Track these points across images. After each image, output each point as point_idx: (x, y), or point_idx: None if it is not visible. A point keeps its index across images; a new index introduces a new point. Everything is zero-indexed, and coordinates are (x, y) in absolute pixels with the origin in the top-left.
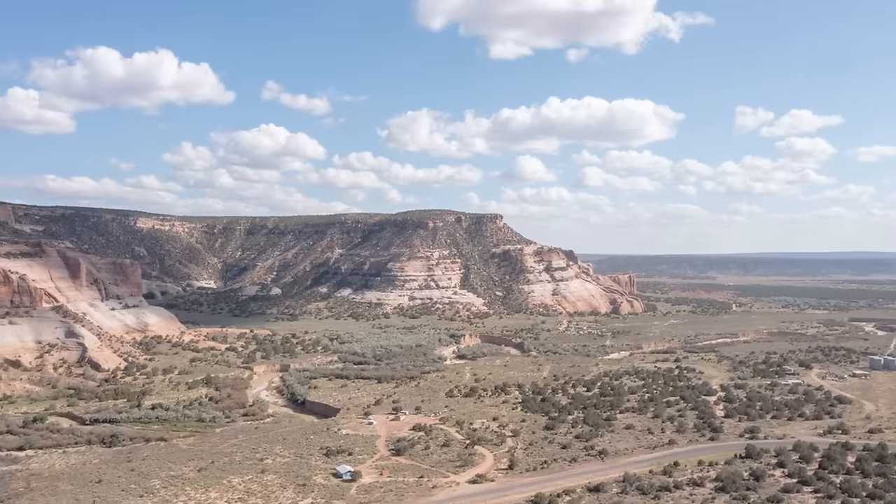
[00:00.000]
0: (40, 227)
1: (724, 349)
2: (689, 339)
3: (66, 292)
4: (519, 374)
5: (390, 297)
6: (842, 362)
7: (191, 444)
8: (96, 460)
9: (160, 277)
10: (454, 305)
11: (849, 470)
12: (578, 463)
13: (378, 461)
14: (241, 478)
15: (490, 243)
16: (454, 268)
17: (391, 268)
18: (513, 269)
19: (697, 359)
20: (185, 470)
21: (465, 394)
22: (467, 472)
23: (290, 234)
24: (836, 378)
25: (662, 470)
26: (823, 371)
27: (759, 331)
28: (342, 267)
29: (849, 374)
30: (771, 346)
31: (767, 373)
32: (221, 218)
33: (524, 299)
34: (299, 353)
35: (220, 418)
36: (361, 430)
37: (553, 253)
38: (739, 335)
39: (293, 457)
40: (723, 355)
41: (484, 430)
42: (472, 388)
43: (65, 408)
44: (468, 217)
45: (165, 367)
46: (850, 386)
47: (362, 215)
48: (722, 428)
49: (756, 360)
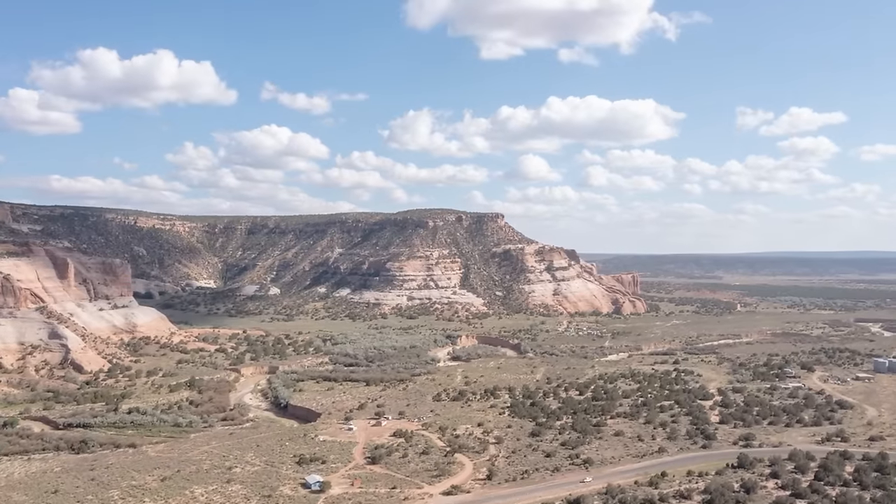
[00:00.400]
0: (38, 226)
1: (726, 351)
2: (690, 340)
3: (53, 292)
4: (512, 376)
5: (388, 297)
6: (845, 365)
7: (160, 451)
8: (58, 468)
9: (159, 277)
10: (453, 305)
11: (846, 481)
12: (561, 473)
13: (352, 470)
14: (204, 488)
15: (491, 243)
16: (454, 267)
17: (390, 267)
18: (513, 269)
19: (697, 361)
20: (148, 479)
21: (452, 398)
22: (443, 482)
23: (290, 233)
24: (839, 381)
25: (649, 481)
26: (826, 374)
27: (762, 332)
28: (341, 267)
29: (852, 377)
30: (774, 347)
31: (767, 376)
32: (223, 217)
33: (525, 299)
34: (290, 355)
35: (198, 423)
36: (340, 436)
37: (554, 252)
38: (742, 336)
39: (263, 465)
40: (724, 357)
41: (467, 436)
42: (461, 391)
43: (40, 411)
44: (469, 216)
45: (150, 369)
46: (853, 390)
47: (363, 214)
48: (715, 435)
49: (757, 362)
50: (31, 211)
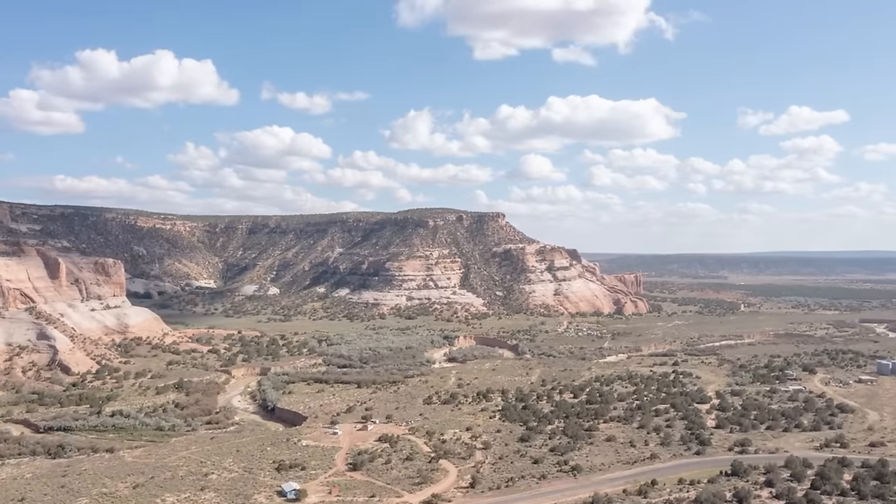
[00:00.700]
0: (38, 225)
1: (727, 352)
2: (691, 340)
3: (45, 292)
4: (506, 378)
5: (387, 298)
6: (848, 367)
7: (137, 457)
8: (29, 474)
9: (159, 277)
10: (452, 306)
11: (843, 490)
12: (548, 480)
13: (332, 477)
14: (177, 496)
15: (491, 242)
16: (454, 267)
17: (389, 267)
18: (514, 269)
19: (697, 362)
20: (119, 486)
21: (443, 400)
22: (424, 490)
23: (291, 233)
24: (841, 384)
25: (638, 489)
26: (828, 376)
27: (765, 332)
28: (340, 266)
29: (854, 379)
30: (776, 348)
31: (768, 378)
32: (223, 217)
33: (525, 299)
34: (283, 356)
35: (181, 426)
36: (324, 440)
37: (556, 252)
38: (744, 337)
39: (241, 472)
40: (724, 358)
41: (454, 441)
42: (453, 394)
43: (22, 414)
44: (470, 216)
45: (139, 371)
46: (855, 393)
47: (364, 214)
48: (710, 440)
49: (758, 363)
50: (30, 210)
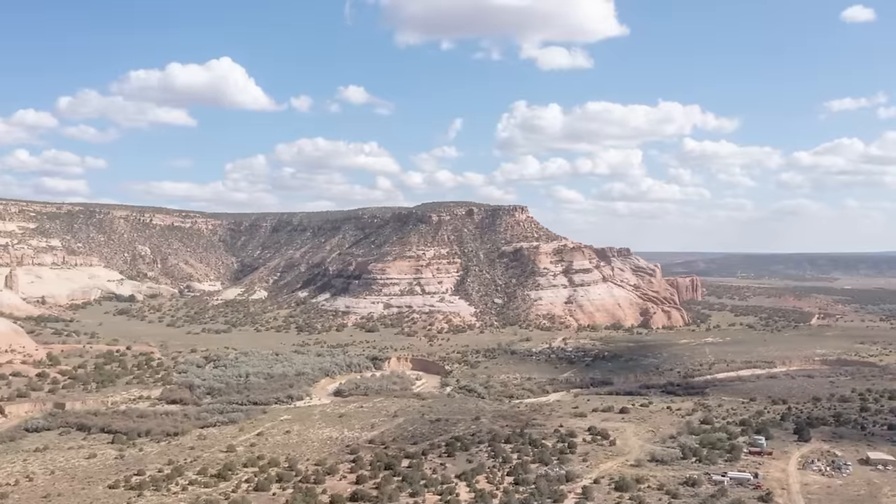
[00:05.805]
0: (33, 224)
1: (728, 389)
2: (699, 369)
3: None
4: (336, 434)
5: (360, 305)
6: (879, 429)
7: None
8: None
9: (156, 279)
10: (433, 315)
11: None
12: None
13: None
14: None
15: (501, 240)
16: (450, 269)
17: (371, 269)
18: (522, 272)
19: (659, 407)
20: None
21: (132, 486)
22: None
23: (309, 230)
24: (830, 469)
25: None
26: (819, 447)
27: (810, 358)
28: (331, 268)
29: (859, 458)
30: (806, 384)
31: (716, 448)
32: (249, 215)
33: (527, 308)
34: (121, 383)
35: None
36: None
37: (576, 252)
38: (777, 364)
39: None
40: (701, 403)
41: None
42: (177, 471)
43: None
44: (482, 209)
45: None
46: (840, 490)
47: (379, 209)
48: None
49: (736, 416)
50: (29, 209)
